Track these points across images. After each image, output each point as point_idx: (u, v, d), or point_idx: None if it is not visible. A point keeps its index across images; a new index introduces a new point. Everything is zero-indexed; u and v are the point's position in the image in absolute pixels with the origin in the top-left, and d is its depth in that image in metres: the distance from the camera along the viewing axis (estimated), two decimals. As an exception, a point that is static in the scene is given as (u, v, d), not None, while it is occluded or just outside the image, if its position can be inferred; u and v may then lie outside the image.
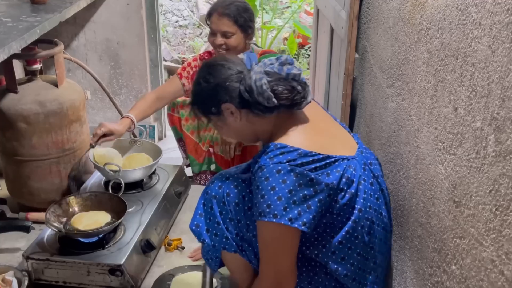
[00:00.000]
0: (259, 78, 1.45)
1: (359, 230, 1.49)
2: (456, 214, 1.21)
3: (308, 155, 1.41)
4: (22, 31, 1.81)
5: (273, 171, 1.38)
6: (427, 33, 1.41)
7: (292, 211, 1.38)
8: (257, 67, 1.48)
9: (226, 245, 1.56)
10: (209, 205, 1.57)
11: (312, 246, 1.51)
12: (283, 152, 1.40)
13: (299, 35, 5.25)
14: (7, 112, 2.20)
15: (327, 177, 1.42)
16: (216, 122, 1.58)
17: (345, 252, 1.50)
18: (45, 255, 1.94)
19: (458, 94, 1.20)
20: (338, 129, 1.63)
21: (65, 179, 2.41)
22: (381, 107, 1.86)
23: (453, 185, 1.22)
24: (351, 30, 2.01)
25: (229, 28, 2.31)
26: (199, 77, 1.56)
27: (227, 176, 1.58)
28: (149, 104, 2.40)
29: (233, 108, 1.51)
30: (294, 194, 1.38)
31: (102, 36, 2.97)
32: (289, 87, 1.46)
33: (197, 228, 1.59)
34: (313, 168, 1.40)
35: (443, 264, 1.29)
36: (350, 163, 1.48)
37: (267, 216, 1.38)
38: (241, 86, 1.49)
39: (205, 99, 1.54)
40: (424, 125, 1.42)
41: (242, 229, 1.55)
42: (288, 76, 1.46)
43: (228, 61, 1.56)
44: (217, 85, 1.51)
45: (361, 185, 1.49)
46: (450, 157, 1.25)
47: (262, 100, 1.45)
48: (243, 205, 1.53)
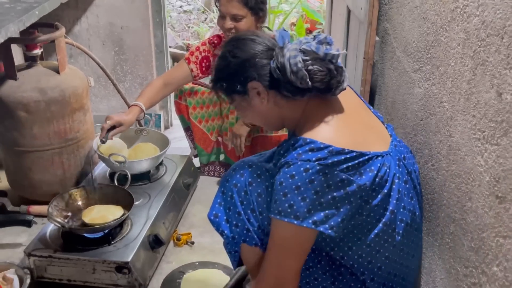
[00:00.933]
0: (293, 55, 1.33)
1: (389, 233, 1.40)
2: (499, 211, 1.10)
3: (340, 153, 1.30)
4: (20, 13, 1.71)
5: (301, 169, 1.28)
6: (463, 11, 1.29)
7: (317, 214, 1.28)
8: (292, 45, 1.36)
9: (247, 237, 1.46)
10: (229, 194, 1.47)
11: (337, 247, 1.42)
12: (313, 149, 1.29)
13: (307, 20, 5.15)
14: (6, 100, 2.12)
15: (360, 178, 1.31)
16: (240, 102, 1.46)
17: (372, 256, 1.41)
18: (48, 251, 1.87)
19: (503, 78, 1.08)
20: (372, 119, 1.51)
21: (68, 171, 2.34)
22: (405, 93, 1.75)
23: (496, 179, 1.12)
24: (371, 11, 1.90)
25: (239, 10, 2.21)
26: (226, 50, 1.44)
27: (249, 164, 1.48)
28: (157, 90, 2.33)
29: (261, 87, 1.39)
30: (322, 196, 1.28)
31: (106, 20, 2.89)
32: (325, 68, 1.34)
33: (216, 218, 1.49)
34: (344, 168, 1.29)
35: (482, 264, 1.19)
36: (384, 160, 1.37)
37: (287, 217, 1.29)
38: (272, 63, 1.37)
39: (231, 75, 1.42)
40: (459, 112, 1.31)
41: (263, 221, 1.45)
42: (326, 56, 1.34)
43: (259, 35, 1.44)
44: (245, 61, 1.39)
45: (395, 184, 1.38)
46: (492, 147, 1.14)
47: (295, 80, 1.34)
48: (266, 196, 1.43)
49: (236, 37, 1.47)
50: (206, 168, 2.69)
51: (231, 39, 1.48)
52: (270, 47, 1.41)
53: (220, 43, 2.40)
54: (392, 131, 1.52)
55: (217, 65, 1.47)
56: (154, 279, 1.99)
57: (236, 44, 1.43)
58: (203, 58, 2.40)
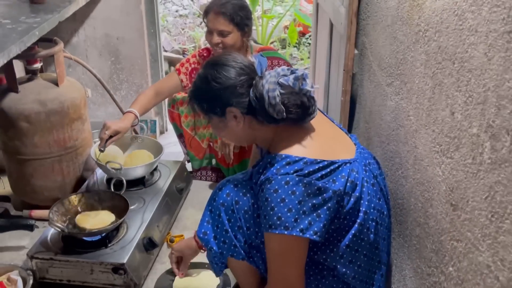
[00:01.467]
0: (272, 89, 1.42)
1: (365, 232, 1.51)
2: (453, 217, 1.22)
3: (314, 163, 1.41)
4: (21, 34, 1.81)
5: (282, 182, 1.38)
6: (425, 35, 1.41)
7: (303, 222, 1.38)
8: (270, 77, 1.46)
9: (234, 252, 1.56)
10: (216, 213, 1.57)
11: (319, 251, 1.52)
12: (289, 163, 1.40)
13: (300, 23, 5.24)
14: (8, 111, 2.21)
15: (334, 184, 1.42)
16: (216, 122, 1.56)
17: (352, 255, 1.51)
18: (49, 254, 1.96)
19: (455, 99, 1.21)
20: (336, 131, 1.63)
21: (68, 177, 2.42)
22: (380, 105, 1.87)
23: (450, 188, 1.24)
24: (350, 27, 2.01)
25: (226, 27, 2.30)
26: (208, 73, 1.51)
27: (235, 183, 1.57)
28: (149, 99, 2.42)
29: (238, 113, 1.49)
30: (304, 205, 1.38)
31: (102, 32, 2.98)
32: (299, 102, 1.45)
33: (205, 236, 1.59)
34: (319, 176, 1.40)
35: (441, 265, 1.31)
36: (352, 166, 1.48)
37: (278, 229, 1.38)
38: (251, 92, 1.47)
39: (212, 98, 1.51)
40: (422, 126, 1.43)
41: (251, 236, 1.55)
42: (301, 91, 1.44)
43: (240, 63, 1.52)
44: (227, 88, 1.48)
45: (364, 187, 1.50)
46: (447, 160, 1.26)
47: (272, 112, 1.43)
48: (252, 212, 1.53)
49: (219, 62, 1.52)
50: (198, 173, 2.78)
51: (214, 63, 1.54)
52: (251, 76, 1.49)
53: (209, 55, 2.49)
54: (356, 140, 1.64)
55: (198, 86, 1.54)
56: (148, 279, 2.07)
57: (218, 69, 1.49)
58: (192, 69, 2.49)
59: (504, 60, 0.97)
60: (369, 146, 2.02)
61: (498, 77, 1.00)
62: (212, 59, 1.58)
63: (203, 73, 1.53)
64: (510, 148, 0.95)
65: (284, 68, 1.49)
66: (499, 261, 1.00)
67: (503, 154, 0.98)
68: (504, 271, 0.98)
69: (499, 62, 0.99)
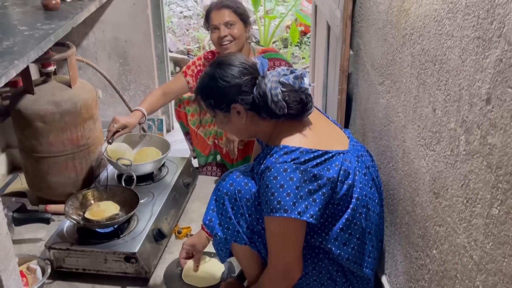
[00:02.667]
0: (274, 87, 1.54)
1: (357, 217, 1.62)
2: (436, 204, 1.34)
3: (309, 152, 1.53)
4: (38, 40, 1.92)
5: (280, 170, 1.50)
6: (410, 38, 1.52)
7: (300, 205, 1.50)
8: (272, 76, 1.57)
9: (237, 238, 1.68)
10: (221, 201, 1.68)
11: (316, 235, 1.64)
12: (287, 152, 1.53)
13: (301, 23, 5.32)
14: (25, 112, 2.32)
15: (328, 172, 1.54)
16: (220, 117, 1.67)
17: (346, 238, 1.63)
18: (66, 245, 2.07)
19: (436, 97, 1.32)
20: (331, 126, 1.75)
21: (81, 174, 2.53)
22: (373, 103, 1.97)
23: (433, 178, 1.35)
24: (345, 30, 2.12)
25: (231, 17, 2.40)
26: (216, 72, 1.62)
27: (237, 174, 1.68)
28: (157, 99, 2.52)
29: (242, 109, 1.60)
30: (301, 190, 1.50)
31: (111, 35, 3.08)
32: (298, 98, 1.57)
33: (210, 223, 1.70)
34: (314, 164, 1.52)
35: (426, 249, 1.42)
36: (345, 156, 1.60)
37: (278, 212, 1.50)
38: (255, 91, 1.58)
39: (218, 95, 1.61)
40: (409, 122, 1.54)
41: (253, 222, 1.67)
42: (300, 89, 1.56)
43: (244, 63, 1.63)
44: (233, 86, 1.59)
45: (357, 176, 1.61)
46: (430, 152, 1.37)
47: (274, 108, 1.55)
48: (253, 200, 1.64)
49: (225, 62, 1.63)
50: (204, 168, 2.90)
51: (220, 62, 1.64)
52: (254, 75, 1.61)
53: (213, 58, 2.56)
54: (349, 134, 1.76)
55: (206, 83, 1.64)
56: (158, 267, 2.18)
57: (225, 68, 1.61)
58: (198, 71, 2.60)
59: (475, 63, 1.09)
60: (364, 142, 2.12)
61: (470, 77, 1.11)
62: (218, 59, 1.68)
63: (210, 72, 1.64)
64: (480, 141, 1.08)
65: (284, 68, 1.61)
66: (473, 242, 1.12)
67: (475, 146, 1.10)
68: (477, 250, 1.10)
69: (471, 64, 1.11)
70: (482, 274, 1.07)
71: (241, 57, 1.66)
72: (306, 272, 1.67)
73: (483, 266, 1.07)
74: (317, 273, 1.68)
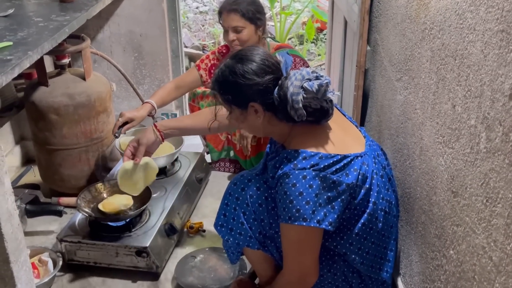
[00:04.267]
0: (296, 92, 1.47)
1: (373, 221, 1.59)
2: (454, 204, 1.30)
3: (328, 158, 1.48)
4: (52, 31, 1.92)
5: (299, 177, 1.46)
6: (430, 33, 1.49)
7: (319, 213, 1.46)
8: (295, 80, 1.49)
9: (250, 243, 1.66)
10: (232, 206, 1.66)
11: (331, 239, 1.60)
12: (305, 157, 1.48)
13: (317, 19, 5.29)
14: (39, 104, 2.32)
15: (347, 178, 1.50)
16: (237, 114, 1.59)
17: (361, 243, 1.59)
18: (77, 238, 2.07)
19: (456, 93, 1.29)
20: (347, 125, 1.70)
21: (94, 167, 2.53)
22: (390, 99, 1.94)
23: (452, 177, 1.32)
24: (362, 24, 2.09)
25: (238, 22, 2.38)
26: (237, 67, 1.53)
27: (249, 178, 1.66)
28: (168, 92, 2.51)
29: (260, 108, 1.54)
30: (320, 197, 1.46)
31: (126, 29, 3.07)
32: (319, 106, 1.51)
33: (222, 228, 1.69)
34: (334, 170, 1.48)
35: (443, 249, 1.39)
36: (363, 159, 1.55)
37: (297, 220, 1.46)
38: (276, 92, 1.51)
39: (237, 92, 1.54)
40: (427, 119, 1.51)
41: (265, 227, 1.64)
42: (323, 97, 1.50)
43: (267, 60, 1.55)
44: (254, 85, 1.51)
45: (374, 179, 1.57)
46: (449, 150, 1.34)
47: (293, 114, 1.50)
48: (266, 205, 1.62)
49: (249, 57, 1.54)
50: (217, 164, 2.88)
51: (242, 57, 1.55)
52: (276, 75, 1.54)
53: (228, 52, 2.57)
54: (365, 133, 1.72)
55: (226, 77, 1.55)
56: (169, 262, 2.17)
57: (248, 64, 1.52)
58: (212, 65, 2.59)
59: (498, 57, 1.05)
60: (380, 139, 2.09)
61: (493, 72, 1.08)
62: (240, 52, 1.59)
63: (231, 65, 1.55)
64: (502, 138, 1.04)
65: (308, 72, 1.52)
66: (493, 242, 1.08)
67: (496, 143, 1.06)
68: (497, 251, 1.06)
69: (493, 59, 1.08)
70: (502, 276, 1.04)
71: (264, 54, 1.57)
72: (321, 274, 1.64)
73: (503, 268, 1.03)
74: (332, 275, 1.66)
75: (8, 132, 2.82)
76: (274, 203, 1.62)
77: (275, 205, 1.61)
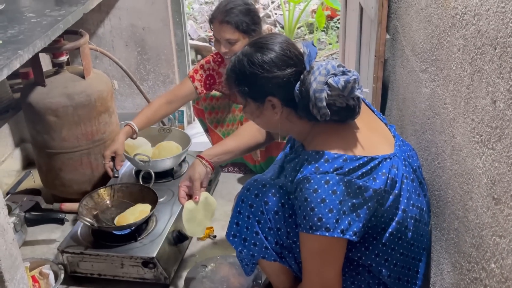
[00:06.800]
0: (320, 89, 1.33)
1: (402, 231, 1.45)
2: (496, 212, 1.16)
3: (353, 160, 1.35)
4: (46, 27, 1.79)
5: (321, 182, 1.32)
6: (462, 18, 1.33)
7: (343, 222, 1.33)
8: (319, 74, 1.35)
9: (266, 254, 1.53)
10: (245, 214, 1.53)
11: (355, 249, 1.47)
12: (328, 160, 1.34)
13: (327, 7, 5.14)
14: (36, 105, 2.22)
15: (374, 182, 1.36)
16: (253, 109, 1.47)
17: (388, 254, 1.46)
18: (80, 248, 1.97)
19: (496, 86, 1.14)
20: (376, 122, 1.55)
21: (96, 170, 2.43)
22: (414, 92, 1.80)
23: (492, 181, 1.17)
24: (381, 11, 1.94)
25: (231, 35, 2.22)
26: (255, 57, 1.40)
27: (263, 183, 1.52)
28: (155, 109, 2.32)
29: (278, 103, 1.42)
30: (344, 204, 1.32)
31: (128, 22, 2.95)
32: (345, 104, 1.37)
33: (234, 238, 1.56)
34: (359, 174, 1.34)
35: (482, 261, 1.25)
36: (392, 162, 1.41)
37: (319, 230, 1.33)
38: (297, 87, 1.38)
39: (255, 84, 1.41)
40: (460, 115, 1.36)
41: (282, 237, 1.51)
42: (350, 95, 1.36)
43: (289, 51, 1.41)
44: (273, 78, 1.39)
45: (404, 184, 1.43)
46: (488, 151, 1.19)
47: (315, 113, 1.36)
48: (282, 213, 1.48)
49: (269, 47, 1.41)
50: (225, 168, 2.74)
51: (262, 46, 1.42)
52: (298, 69, 1.39)
53: (224, 61, 2.40)
54: (395, 132, 1.57)
55: (243, 67, 1.42)
56: (178, 272, 2.07)
57: (268, 54, 1.40)
58: (207, 76, 2.43)
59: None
60: (403, 135, 1.95)
61: (546, 63, 0.93)
62: (260, 40, 1.46)
63: (249, 54, 1.42)
64: (559, 140, 0.89)
65: (334, 66, 1.37)
66: (548, 260, 0.94)
67: (551, 146, 0.91)
68: (553, 271, 0.92)
69: (546, 47, 0.92)
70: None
71: (286, 43, 1.42)
72: (344, 287, 1.51)
73: None
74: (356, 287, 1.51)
75: (7, 135, 2.72)
76: (292, 210, 1.48)
77: (293, 213, 1.48)
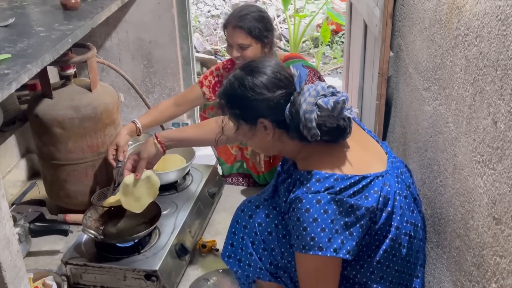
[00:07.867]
0: (309, 110, 1.35)
1: (396, 248, 1.46)
2: (496, 232, 1.17)
3: (345, 179, 1.36)
4: (54, 42, 1.81)
5: (313, 201, 1.33)
6: (464, 39, 1.35)
7: (336, 241, 1.34)
8: (309, 96, 1.37)
9: (261, 275, 1.54)
10: (240, 235, 1.55)
11: (350, 267, 1.47)
12: (319, 179, 1.35)
13: (333, 22, 5.16)
14: (43, 117, 2.23)
15: (366, 201, 1.37)
16: (245, 130, 1.49)
17: (383, 271, 1.47)
18: (83, 260, 1.97)
19: (497, 108, 1.15)
20: (367, 140, 1.57)
21: (101, 182, 2.43)
22: (417, 109, 1.81)
23: (493, 201, 1.18)
24: (385, 29, 1.95)
25: (244, 40, 2.26)
26: (246, 80, 1.42)
27: (257, 204, 1.54)
28: (162, 110, 2.40)
29: (270, 125, 1.43)
30: (336, 223, 1.33)
31: (135, 36, 2.98)
32: (335, 125, 1.39)
33: (229, 259, 1.58)
34: (351, 193, 1.35)
35: (483, 280, 1.25)
36: (385, 179, 1.43)
37: (312, 250, 1.34)
38: (287, 109, 1.39)
39: (246, 106, 1.43)
40: (462, 134, 1.37)
41: (276, 257, 1.52)
42: (339, 115, 1.37)
43: (279, 73, 1.43)
44: (264, 100, 1.40)
45: (397, 201, 1.44)
46: (489, 171, 1.20)
47: (306, 133, 1.38)
48: (276, 233, 1.50)
49: (259, 70, 1.43)
50: (229, 179, 2.75)
51: (253, 69, 1.44)
52: (289, 90, 1.41)
53: (233, 67, 2.44)
54: (387, 148, 1.58)
55: (235, 90, 1.44)
56: (181, 285, 2.06)
57: (258, 77, 1.41)
58: (216, 82, 2.46)
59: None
60: (406, 152, 1.96)
61: (546, 87, 0.94)
62: (251, 63, 1.48)
63: (240, 77, 1.44)
64: (559, 163, 0.90)
65: (324, 87, 1.40)
66: (547, 282, 0.95)
67: (551, 169, 0.92)
68: (553, 293, 0.93)
69: (546, 71, 0.94)
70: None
71: (276, 66, 1.45)
72: None
73: None
74: (353, 305, 1.52)
75: (13, 145, 2.73)
76: (285, 230, 1.50)
77: (287, 233, 1.50)
